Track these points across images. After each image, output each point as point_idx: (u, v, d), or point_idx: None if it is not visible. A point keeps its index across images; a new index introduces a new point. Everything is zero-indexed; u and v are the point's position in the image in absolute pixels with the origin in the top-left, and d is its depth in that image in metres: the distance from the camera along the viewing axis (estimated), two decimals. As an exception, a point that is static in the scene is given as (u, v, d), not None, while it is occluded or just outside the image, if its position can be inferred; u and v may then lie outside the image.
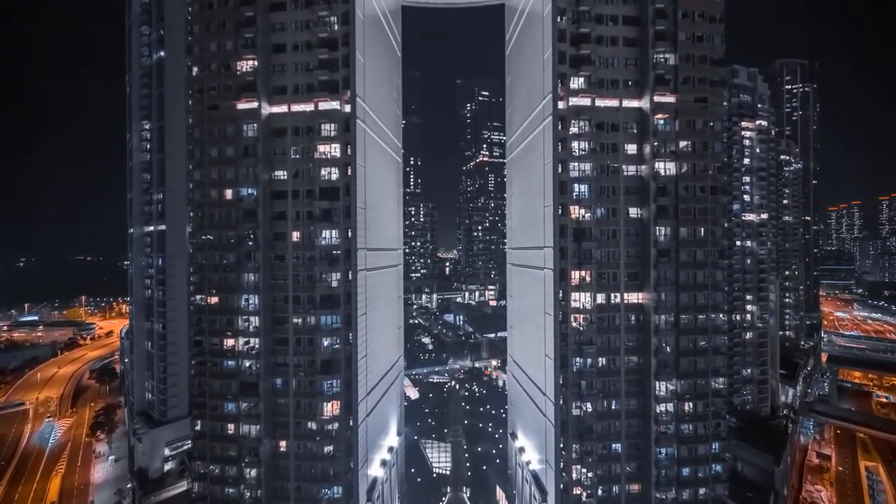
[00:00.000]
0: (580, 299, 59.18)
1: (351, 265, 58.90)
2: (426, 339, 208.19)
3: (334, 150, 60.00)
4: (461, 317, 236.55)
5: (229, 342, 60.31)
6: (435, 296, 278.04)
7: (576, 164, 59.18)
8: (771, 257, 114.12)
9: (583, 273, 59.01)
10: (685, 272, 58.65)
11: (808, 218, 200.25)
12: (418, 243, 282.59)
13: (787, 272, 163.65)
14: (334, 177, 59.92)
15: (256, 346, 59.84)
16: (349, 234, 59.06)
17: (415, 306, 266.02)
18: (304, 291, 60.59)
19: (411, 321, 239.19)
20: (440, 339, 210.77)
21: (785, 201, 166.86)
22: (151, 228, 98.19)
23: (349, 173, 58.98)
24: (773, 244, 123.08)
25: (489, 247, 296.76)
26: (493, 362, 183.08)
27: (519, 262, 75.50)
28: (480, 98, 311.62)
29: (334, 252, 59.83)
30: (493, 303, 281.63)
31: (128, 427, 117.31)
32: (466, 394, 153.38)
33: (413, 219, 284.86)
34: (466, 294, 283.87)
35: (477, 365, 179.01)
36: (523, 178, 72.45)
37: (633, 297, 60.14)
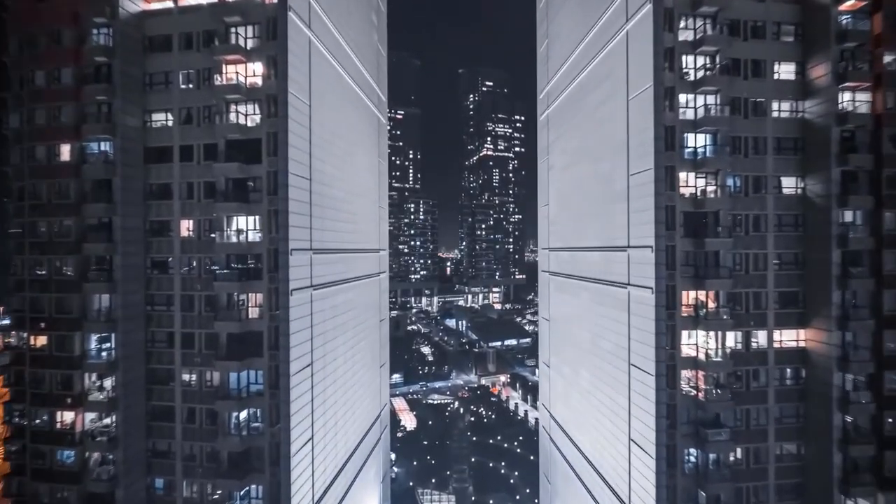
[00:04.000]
0: (695, 341, 31.50)
1: (280, 279, 31.09)
2: (426, 349, 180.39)
3: (253, 71, 32.31)
4: (464, 322, 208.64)
5: (66, 417, 32.58)
6: (435, 299, 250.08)
7: (689, 96, 31.45)
8: None
9: (701, 294, 31.33)
10: (893, 294, 30.80)
11: None
12: (418, 242, 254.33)
13: None
14: (253, 121, 32.26)
15: (113, 424, 32.20)
16: (279, 222, 31.23)
17: (414, 310, 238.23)
18: (200, 326, 32.94)
19: (410, 327, 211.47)
20: (441, 349, 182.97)
21: None
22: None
23: (279, 113, 31.18)
24: None
25: (493, 246, 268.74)
26: (502, 378, 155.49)
27: (564, 269, 47.49)
28: (484, 89, 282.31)
29: (253, 256, 32.21)
30: (497, 306, 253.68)
31: None
32: (472, 418, 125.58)
33: (413, 216, 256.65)
34: (469, 297, 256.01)
35: (483, 382, 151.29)
36: (576, 136, 44.35)
37: (791, 338, 32.48)
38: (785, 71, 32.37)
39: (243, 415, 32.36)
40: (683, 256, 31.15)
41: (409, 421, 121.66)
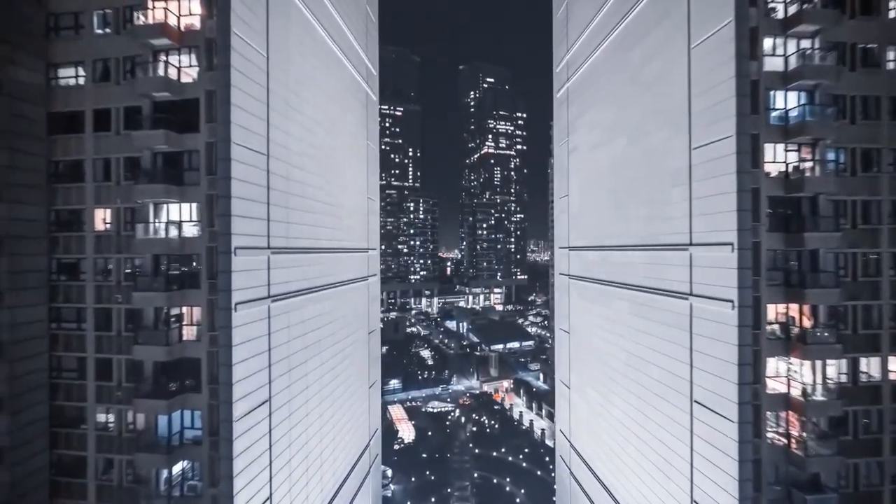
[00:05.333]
0: (785, 372, 22.99)
1: (220, 288, 22.59)
2: (425, 353, 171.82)
3: (189, 10, 23.83)
4: (465, 324, 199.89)
5: (-62, 473, 24.10)
6: (436, 300, 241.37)
7: (777, 40, 22.98)
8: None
9: (791, 310, 22.83)
10: None
11: None
12: (417, 242, 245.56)
13: None
14: (189, 75, 23.76)
15: None
16: (219, 210, 22.75)
17: (413, 311, 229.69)
18: (120, 351, 24.48)
19: (409, 329, 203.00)
20: (441, 352, 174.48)
21: None
22: None
23: (220, 62, 22.67)
24: None
25: (494, 246, 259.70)
26: (505, 383, 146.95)
27: (591, 273, 38.98)
28: (485, 85, 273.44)
29: (186, 257, 23.73)
30: (499, 307, 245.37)
31: None
32: (474, 428, 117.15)
33: (412, 215, 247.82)
34: (470, 298, 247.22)
35: (486, 388, 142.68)
36: (610, 107, 35.66)
37: (912, 367, 24.00)
38: (903, 8, 23.90)
39: (177, 469, 23.91)
40: (769, 257, 22.67)
41: (406, 431, 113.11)
